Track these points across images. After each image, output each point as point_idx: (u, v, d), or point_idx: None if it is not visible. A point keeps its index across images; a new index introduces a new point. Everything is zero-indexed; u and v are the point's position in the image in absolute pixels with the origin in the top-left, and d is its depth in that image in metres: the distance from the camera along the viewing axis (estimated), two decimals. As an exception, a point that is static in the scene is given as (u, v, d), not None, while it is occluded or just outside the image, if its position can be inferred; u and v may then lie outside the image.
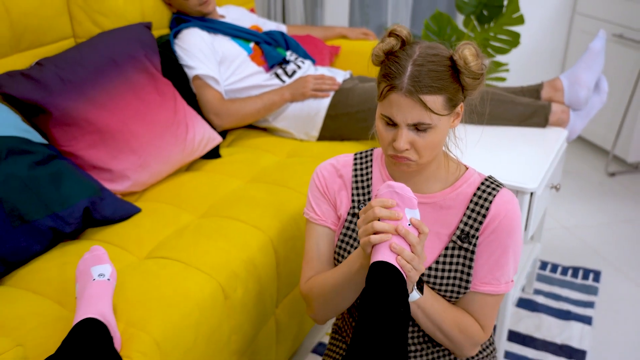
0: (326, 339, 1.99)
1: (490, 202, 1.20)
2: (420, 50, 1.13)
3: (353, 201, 1.28)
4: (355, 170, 1.30)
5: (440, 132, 1.14)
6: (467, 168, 1.26)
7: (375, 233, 1.06)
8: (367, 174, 1.29)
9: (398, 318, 0.98)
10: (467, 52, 1.11)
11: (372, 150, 1.33)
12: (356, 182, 1.29)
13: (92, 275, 1.23)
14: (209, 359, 1.37)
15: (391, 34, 1.16)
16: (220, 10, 2.34)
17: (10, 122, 1.51)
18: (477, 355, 1.34)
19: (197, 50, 2.09)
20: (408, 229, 1.06)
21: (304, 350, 1.95)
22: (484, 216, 1.19)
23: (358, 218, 1.26)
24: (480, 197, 1.21)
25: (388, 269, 1.03)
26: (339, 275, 1.21)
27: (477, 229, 1.20)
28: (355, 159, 1.32)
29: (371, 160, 1.31)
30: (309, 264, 1.32)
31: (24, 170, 1.44)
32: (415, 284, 1.15)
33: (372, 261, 1.05)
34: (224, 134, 2.16)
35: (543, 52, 3.63)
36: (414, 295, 1.16)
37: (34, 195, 1.43)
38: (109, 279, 1.24)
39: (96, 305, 1.17)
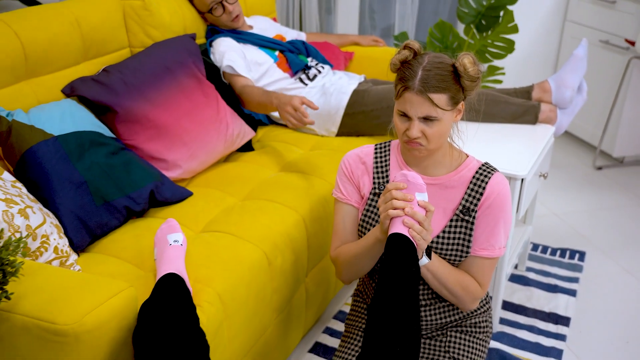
0: (345, 308, 2.30)
1: (487, 183, 1.48)
2: (429, 59, 1.42)
3: (374, 183, 1.57)
4: (376, 158, 1.59)
5: (444, 123, 1.42)
6: (467, 156, 1.55)
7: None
8: (385, 161, 1.58)
9: (410, 276, 1.28)
10: (466, 61, 1.40)
11: (389, 142, 1.63)
12: (376, 167, 1.58)
13: (168, 241, 1.53)
14: (257, 312, 1.68)
15: (405, 47, 1.46)
16: (248, 21, 2.65)
17: (88, 120, 1.81)
18: (475, 310, 1.64)
19: (228, 51, 2.38)
20: (416, 209, 1.35)
21: (327, 316, 2.26)
22: (481, 194, 1.48)
23: (379, 197, 1.56)
24: (478, 179, 1.49)
25: (402, 239, 1.32)
26: (360, 247, 1.51)
27: (475, 204, 1.48)
28: (376, 149, 1.61)
29: (389, 150, 1.59)
30: (337, 235, 1.62)
31: (102, 158, 1.74)
32: (424, 251, 1.43)
33: (389, 233, 1.35)
34: (255, 128, 2.47)
35: (537, 56, 3.93)
36: (424, 260, 1.44)
37: (111, 180, 1.73)
38: (181, 244, 1.54)
39: (174, 264, 1.48)
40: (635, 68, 3.26)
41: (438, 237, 1.50)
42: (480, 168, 1.51)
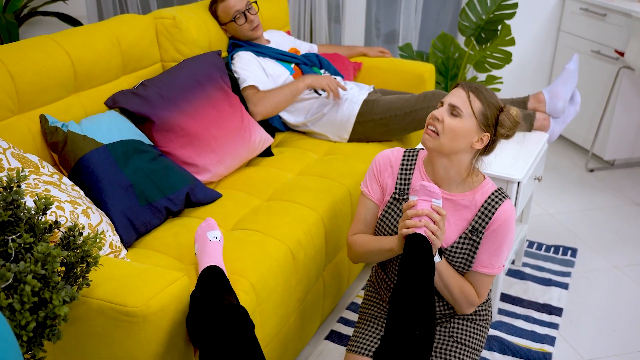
0: (357, 300, 2.51)
1: (496, 209, 1.62)
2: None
3: (396, 188, 1.74)
4: (402, 164, 1.75)
5: (462, 127, 1.57)
6: (484, 178, 1.67)
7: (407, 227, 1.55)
8: (410, 169, 1.74)
9: (427, 269, 1.49)
10: (514, 109, 1.60)
11: (418, 151, 1.77)
12: (401, 173, 1.75)
13: (207, 238, 1.74)
14: (283, 300, 1.89)
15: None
16: (266, 35, 2.86)
17: (130, 129, 2.02)
18: (476, 309, 1.81)
19: (247, 67, 2.60)
20: (432, 212, 1.54)
21: (340, 307, 2.47)
22: (490, 218, 1.62)
23: (398, 201, 1.72)
24: (489, 204, 1.63)
25: (420, 238, 1.52)
26: (374, 247, 1.71)
27: (483, 227, 1.63)
28: (404, 155, 1.76)
29: (415, 159, 1.75)
30: (357, 223, 1.81)
31: (145, 164, 1.95)
32: (437, 251, 1.61)
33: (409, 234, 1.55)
34: (272, 135, 2.68)
35: (533, 66, 4.12)
36: (436, 258, 1.63)
37: (152, 183, 1.94)
38: (219, 241, 1.75)
39: (214, 257, 1.69)
40: (624, 77, 3.47)
41: (446, 249, 1.67)
42: (492, 194, 1.65)
